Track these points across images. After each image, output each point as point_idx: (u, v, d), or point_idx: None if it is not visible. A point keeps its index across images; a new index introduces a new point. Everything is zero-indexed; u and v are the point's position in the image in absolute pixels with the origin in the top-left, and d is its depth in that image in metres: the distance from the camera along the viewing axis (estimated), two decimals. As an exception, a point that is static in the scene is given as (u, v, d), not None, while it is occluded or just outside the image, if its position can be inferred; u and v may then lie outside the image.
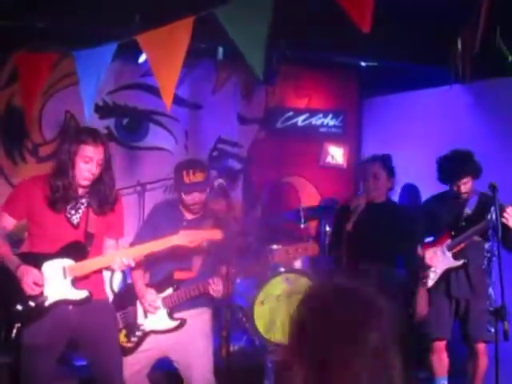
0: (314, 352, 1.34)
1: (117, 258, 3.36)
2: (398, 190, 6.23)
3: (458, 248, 4.36)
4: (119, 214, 3.57)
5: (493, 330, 3.96)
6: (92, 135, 3.31)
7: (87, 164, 3.26)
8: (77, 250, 3.35)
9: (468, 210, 4.43)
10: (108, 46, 3.31)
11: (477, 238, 4.38)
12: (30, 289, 3.22)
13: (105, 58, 3.34)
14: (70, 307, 3.36)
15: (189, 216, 3.84)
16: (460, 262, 4.35)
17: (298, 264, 6.01)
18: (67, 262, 3.32)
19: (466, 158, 4.35)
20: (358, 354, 1.30)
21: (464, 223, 4.40)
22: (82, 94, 3.33)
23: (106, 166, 3.36)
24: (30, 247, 3.44)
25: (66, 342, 3.47)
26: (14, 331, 3.22)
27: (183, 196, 3.74)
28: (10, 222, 3.41)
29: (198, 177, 3.66)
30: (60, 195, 3.30)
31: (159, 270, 3.86)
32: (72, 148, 3.27)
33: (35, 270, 3.25)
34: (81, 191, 3.38)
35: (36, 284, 3.23)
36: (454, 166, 4.34)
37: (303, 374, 1.33)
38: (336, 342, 1.32)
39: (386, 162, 4.69)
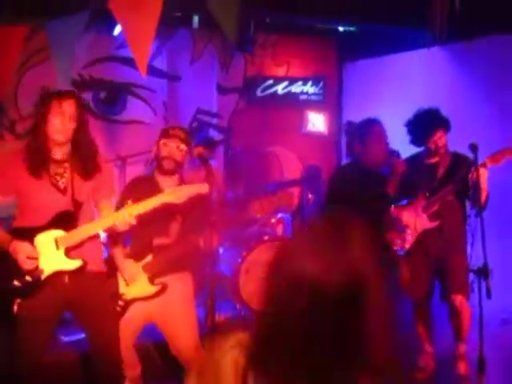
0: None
1: (114, 219, 3.27)
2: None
3: (432, 209, 4.41)
4: (107, 174, 3.50)
5: (476, 289, 4.01)
6: (62, 91, 3.29)
7: (58, 117, 3.20)
8: (66, 220, 3.30)
9: (441, 171, 4.47)
10: (80, 15, 3.25)
11: (451, 198, 4.42)
12: (24, 264, 3.19)
13: (77, 27, 3.27)
14: (66, 279, 3.32)
15: (163, 183, 3.84)
16: (435, 223, 4.40)
17: (280, 231, 6.05)
18: (58, 233, 3.28)
19: (433, 112, 4.41)
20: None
21: (437, 184, 4.44)
22: (57, 66, 3.26)
23: (81, 124, 3.29)
24: (20, 222, 3.39)
25: (62, 313, 3.47)
26: (16, 307, 3.21)
27: (163, 147, 3.77)
28: None
29: (179, 132, 3.80)
30: (37, 157, 3.24)
31: (138, 238, 3.87)
32: (43, 107, 3.22)
33: (27, 245, 3.21)
34: (60, 153, 3.31)
35: (30, 258, 3.20)
36: (423, 122, 4.38)
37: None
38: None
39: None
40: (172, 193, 3.35)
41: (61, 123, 3.21)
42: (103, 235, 3.99)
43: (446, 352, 4.58)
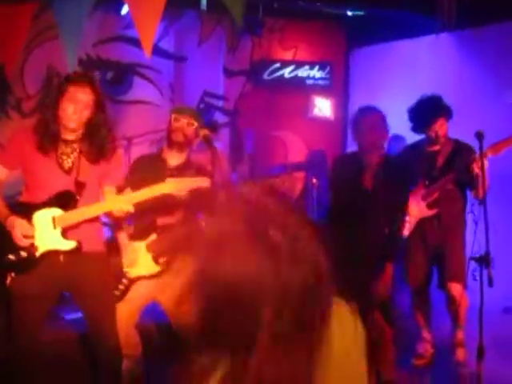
0: None
1: (111, 205, 3.31)
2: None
3: (432, 197, 4.41)
4: (116, 163, 3.47)
5: (478, 277, 4.01)
6: (79, 76, 3.26)
7: (72, 104, 3.17)
8: (66, 200, 3.28)
9: (441, 159, 4.46)
10: (87, -6, 3.23)
11: (451, 187, 4.42)
12: (19, 240, 3.19)
13: (85, 6, 3.25)
14: (61, 258, 3.32)
15: (171, 161, 3.84)
16: (434, 211, 4.41)
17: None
18: (57, 212, 3.27)
19: (435, 100, 4.39)
20: None
21: (437, 173, 4.43)
22: (65, 44, 3.24)
23: (98, 110, 3.25)
24: (24, 198, 3.40)
25: (58, 293, 3.47)
26: (8, 280, 3.23)
27: (172, 122, 3.78)
28: (1, 173, 3.34)
29: (190, 110, 3.87)
30: (47, 137, 3.23)
31: (142, 218, 3.87)
32: (58, 91, 3.19)
33: (24, 222, 3.21)
34: (71, 135, 3.29)
35: (25, 236, 3.19)
36: (425, 110, 4.36)
37: None
38: None
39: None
40: (173, 184, 3.34)
41: (74, 112, 3.18)
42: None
43: (446, 339, 4.59)
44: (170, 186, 3.33)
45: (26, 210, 3.26)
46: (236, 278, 1.21)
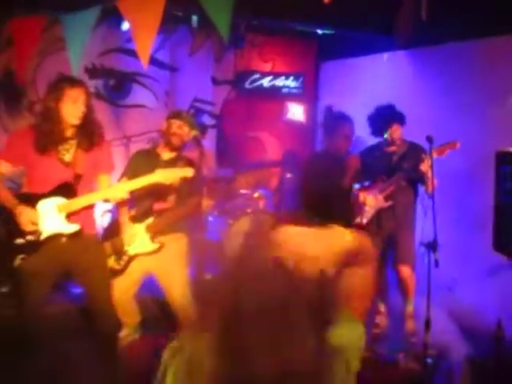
0: None
1: (108, 193, 3.33)
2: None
3: (387, 191, 4.45)
4: (106, 149, 3.49)
5: (426, 260, 4.04)
6: (72, 79, 3.29)
7: (73, 104, 3.19)
8: (67, 190, 3.29)
9: (396, 159, 4.50)
10: (92, 11, 3.17)
11: (404, 183, 4.47)
12: (26, 226, 3.20)
13: (90, 21, 3.19)
14: (64, 240, 3.32)
15: (164, 156, 3.84)
16: (389, 203, 4.45)
17: (262, 205, 6.03)
18: (59, 200, 3.27)
19: (390, 108, 4.43)
20: None
21: (393, 170, 4.47)
22: (70, 55, 3.19)
23: (89, 107, 3.29)
24: (27, 189, 3.38)
25: (60, 270, 3.44)
26: (18, 261, 3.22)
27: (175, 127, 3.80)
28: (5, 168, 3.32)
29: (191, 119, 3.91)
30: (49, 138, 3.22)
31: (141, 203, 3.89)
32: (58, 93, 3.19)
33: (31, 210, 3.21)
34: (70, 132, 3.29)
35: (32, 222, 3.20)
36: (381, 117, 4.39)
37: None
38: None
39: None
40: (161, 174, 3.36)
41: (76, 109, 3.20)
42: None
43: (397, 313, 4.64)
44: (159, 176, 3.34)
45: (30, 200, 3.25)
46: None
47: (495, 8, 4.67)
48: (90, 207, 3.44)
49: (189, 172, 3.42)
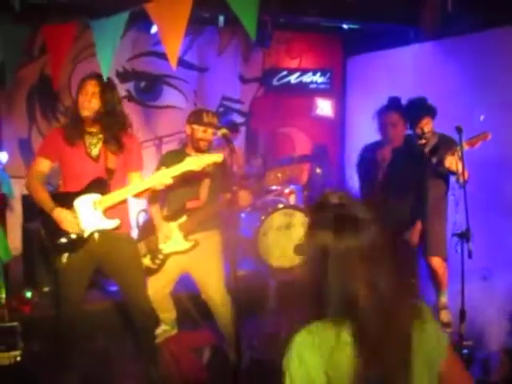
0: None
1: (147, 183, 3.29)
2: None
3: None
4: (136, 148, 3.47)
5: (459, 250, 3.97)
6: (90, 74, 3.30)
7: (82, 96, 3.23)
8: (100, 186, 3.28)
9: (426, 150, 4.42)
10: (121, 16, 3.19)
11: (433, 175, 4.37)
12: (67, 227, 3.22)
13: (119, 26, 3.21)
14: (96, 237, 3.31)
15: (193, 155, 3.83)
16: None
17: (293, 200, 6.02)
18: (95, 197, 3.27)
19: (421, 102, 4.34)
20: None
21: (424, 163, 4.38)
22: (100, 60, 3.21)
23: (107, 100, 3.24)
24: (62, 188, 3.40)
25: (94, 266, 3.44)
26: (64, 260, 3.24)
27: (200, 132, 3.73)
28: (45, 165, 3.32)
29: (213, 119, 3.76)
30: (74, 131, 3.25)
31: (174, 202, 3.89)
32: (79, 87, 3.28)
33: (67, 211, 3.22)
34: (94, 127, 3.29)
35: (71, 222, 3.21)
36: (412, 110, 4.31)
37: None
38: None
39: (400, 109, 4.30)
40: (191, 161, 3.33)
41: (84, 101, 3.22)
42: (145, 201, 4.02)
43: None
44: (190, 163, 3.32)
45: (66, 199, 3.26)
46: None
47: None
48: (124, 205, 3.43)
49: (219, 157, 3.40)
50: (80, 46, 5.81)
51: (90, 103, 3.22)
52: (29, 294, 4.55)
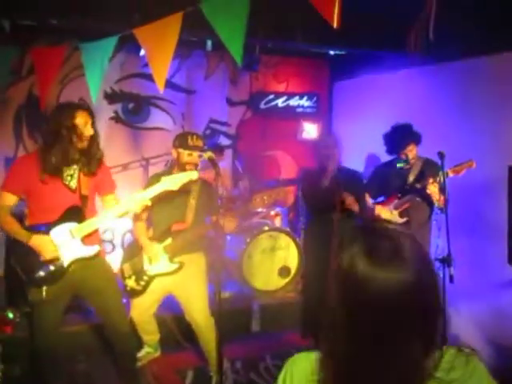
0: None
1: (125, 206, 3.26)
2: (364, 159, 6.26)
3: (402, 207, 4.43)
4: (106, 171, 3.48)
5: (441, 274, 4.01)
6: (79, 105, 3.29)
7: (85, 126, 3.19)
8: (76, 214, 3.23)
9: (411, 177, 4.48)
10: (110, 39, 3.25)
11: (418, 199, 4.43)
12: (46, 254, 3.13)
13: (108, 49, 3.27)
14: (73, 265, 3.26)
15: None
16: (404, 219, 4.41)
17: (278, 223, 6.05)
18: (71, 225, 3.21)
19: (406, 128, 4.41)
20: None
21: (409, 187, 4.45)
22: (88, 82, 3.26)
23: (95, 130, 3.29)
24: (33, 220, 3.25)
25: (70, 295, 3.40)
26: (43, 294, 3.17)
27: (185, 156, 3.76)
28: (12, 200, 3.20)
29: (199, 142, 3.79)
30: (58, 163, 3.15)
31: (160, 224, 3.91)
32: (69, 119, 3.15)
33: (46, 237, 3.15)
34: (77, 156, 3.23)
35: (52, 250, 3.14)
36: (397, 137, 4.38)
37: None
38: None
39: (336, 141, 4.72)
40: (167, 181, 3.35)
41: (87, 131, 3.21)
42: (130, 221, 4.01)
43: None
44: (165, 184, 3.33)
45: (41, 231, 3.17)
46: None
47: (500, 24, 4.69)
48: (96, 230, 3.37)
49: (193, 175, 3.43)
50: (69, 67, 5.84)
51: (90, 133, 3.22)
52: (10, 315, 4.50)
